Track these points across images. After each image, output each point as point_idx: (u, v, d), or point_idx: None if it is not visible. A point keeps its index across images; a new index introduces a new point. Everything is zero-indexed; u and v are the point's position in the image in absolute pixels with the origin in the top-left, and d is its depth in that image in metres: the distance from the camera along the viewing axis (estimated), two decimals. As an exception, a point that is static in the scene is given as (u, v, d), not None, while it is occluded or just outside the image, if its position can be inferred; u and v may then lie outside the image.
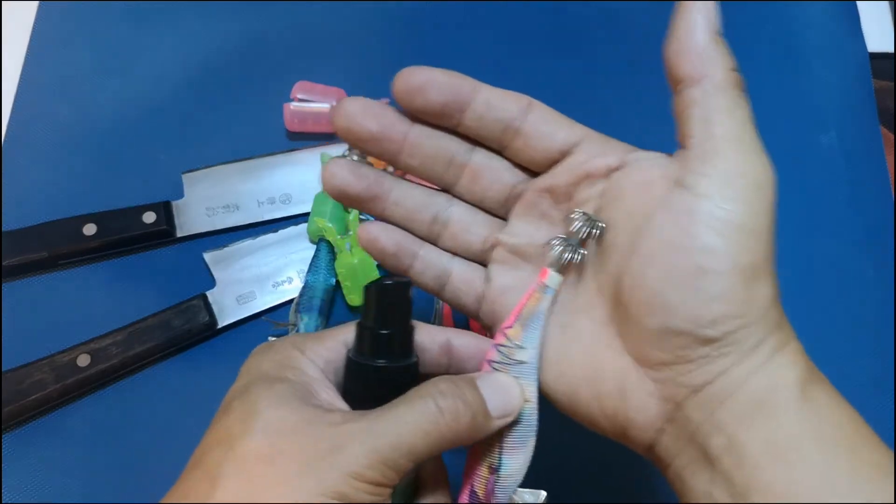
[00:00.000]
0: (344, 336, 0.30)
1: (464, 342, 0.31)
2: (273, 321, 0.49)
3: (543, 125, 0.31)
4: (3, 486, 0.45)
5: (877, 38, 0.59)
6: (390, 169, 0.33)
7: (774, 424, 0.26)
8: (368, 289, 0.29)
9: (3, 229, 0.50)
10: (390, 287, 0.29)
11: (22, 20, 0.58)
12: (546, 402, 0.31)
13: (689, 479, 0.27)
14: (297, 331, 0.47)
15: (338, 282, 0.49)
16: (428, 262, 0.33)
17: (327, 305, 0.48)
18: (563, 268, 0.30)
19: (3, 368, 0.46)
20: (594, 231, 0.30)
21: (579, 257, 0.30)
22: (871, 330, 0.50)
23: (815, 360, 0.44)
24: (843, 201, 0.53)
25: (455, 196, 0.33)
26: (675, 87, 0.29)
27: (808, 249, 0.52)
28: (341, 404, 0.28)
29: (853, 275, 0.51)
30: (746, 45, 0.59)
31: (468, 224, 0.33)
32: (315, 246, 0.50)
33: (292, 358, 0.28)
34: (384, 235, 0.32)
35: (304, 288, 0.48)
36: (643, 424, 0.28)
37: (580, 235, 0.30)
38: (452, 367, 0.31)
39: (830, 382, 0.28)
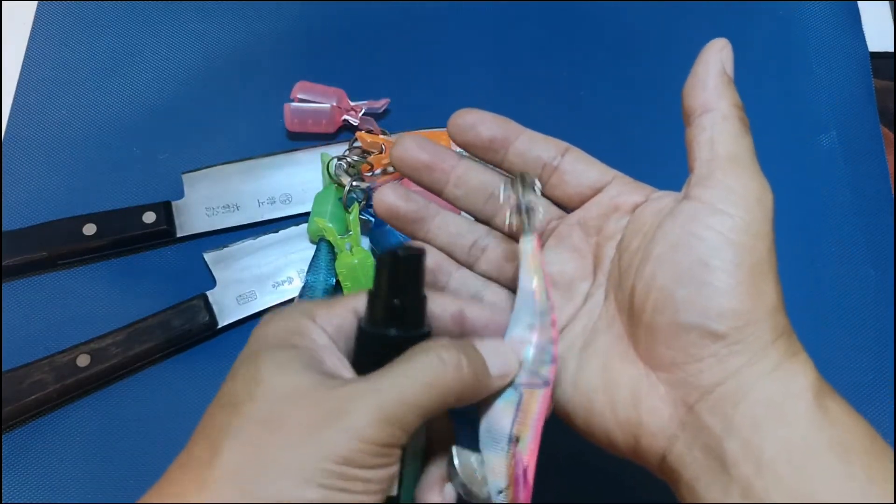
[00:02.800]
0: (354, 304, 0.30)
1: (477, 313, 0.31)
2: (273, 321, 0.49)
3: (578, 165, 0.34)
4: (3, 486, 0.45)
5: (877, 38, 0.59)
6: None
7: (790, 430, 0.26)
8: (382, 258, 0.29)
9: (3, 229, 0.50)
10: (404, 258, 0.29)
11: (21, 20, 0.58)
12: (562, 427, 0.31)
13: (702, 491, 0.27)
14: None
15: (338, 282, 0.49)
16: (463, 283, 0.35)
17: (327, 305, 0.48)
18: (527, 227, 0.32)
19: (3, 368, 0.46)
20: (519, 182, 0.32)
21: (533, 213, 0.32)
22: (872, 330, 0.50)
23: (815, 360, 0.44)
24: (843, 201, 0.53)
25: (493, 228, 0.35)
26: (687, 119, 0.31)
27: (809, 250, 0.52)
28: (348, 372, 0.28)
29: (853, 275, 0.51)
30: (747, 44, 0.59)
31: (505, 252, 0.35)
32: (315, 246, 0.50)
33: (301, 325, 0.28)
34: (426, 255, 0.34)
35: (304, 288, 0.48)
36: (656, 430, 0.29)
37: (518, 194, 0.32)
38: (464, 338, 0.31)
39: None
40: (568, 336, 0.32)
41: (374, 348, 0.29)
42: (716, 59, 0.31)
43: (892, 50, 0.59)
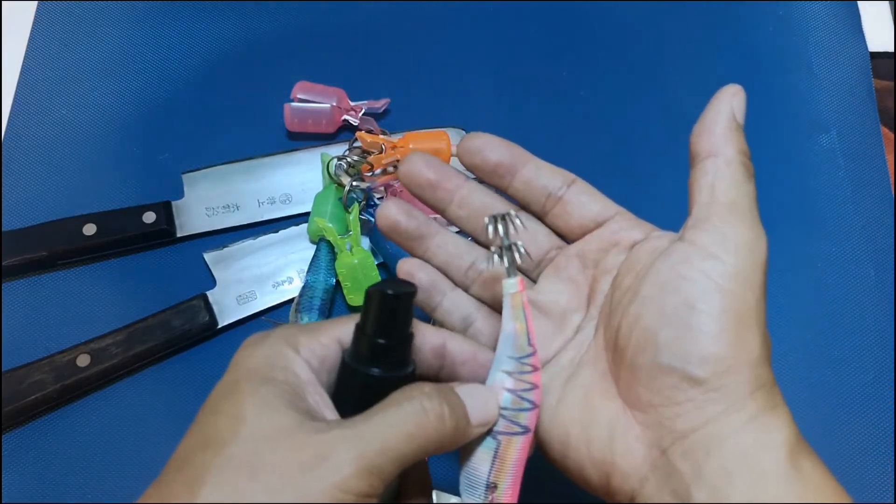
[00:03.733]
0: (338, 333, 0.29)
1: (458, 347, 0.31)
2: (273, 321, 0.49)
3: (582, 197, 0.34)
4: (3, 486, 0.45)
5: (877, 38, 0.59)
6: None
7: (760, 485, 0.26)
8: (370, 294, 0.28)
9: (3, 229, 0.50)
10: (393, 296, 0.28)
11: (22, 20, 0.58)
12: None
13: None
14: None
15: (338, 282, 0.49)
16: (456, 304, 0.35)
17: (327, 305, 0.48)
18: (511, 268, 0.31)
19: (3, 368, 0.46)
20: (500, 225, 0.31)
21: (514, 254, 0.31)
22: (872, 330, 0.50)
23: (814, 361, 0.44)
24: (843, 201, 0.53)
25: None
26: (692, 161, 0.31)
27: (809, 249, 0.52)
28: (329, 410, 0.28)
29: (853, 275, 0.51)
30: (747, 44, 0.59)
31: (499, 277, 0.34)
32: (315, 246, 0.50)
33: (284, 356, 0.28)
34: (421, 272, 0.35)
35: (304, 288, 0.48)
36: (628, 470, 0.28)
37: (500, 237, 0.31)
38: (444, 371, 0.31)
39: (817, 454, 0.28)
40: (555, 366, 0.32)
41: (356, 386, 0.28)
42: (727, 104, 0.31)
43: (892, 50, 0.59)
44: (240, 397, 0.26)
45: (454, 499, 0.30)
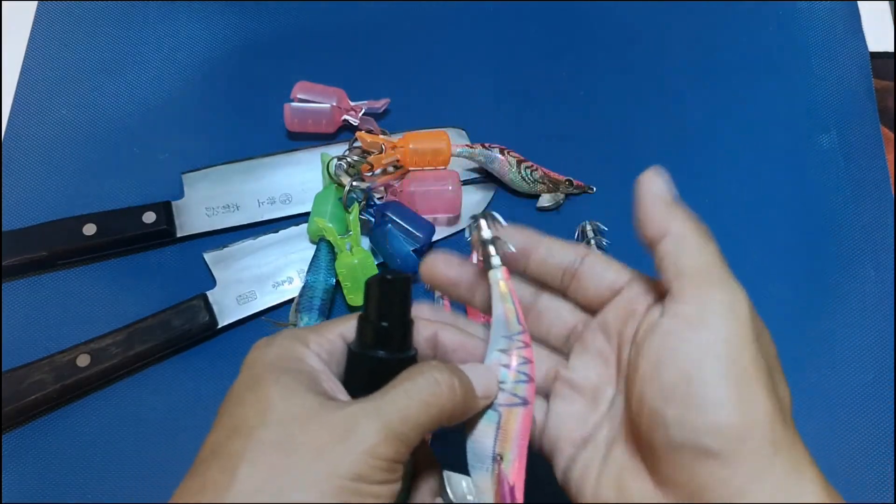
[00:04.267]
0: (342, 329, 0.31)
1: (450, 337, 0.33)
2: (273, 321, 0.49)
3: (596, 267, 0.33)
4: (3, 486, 0.45)
5: (877, 38, 0.59)
6: None
7: None
8: (370, 283, 0.31)
9: (3, 229, 0.50)
10: (391, 281, 0.30)
11: (22, 20, 0.58)
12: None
13: None
14: (298, 331, 0.47)
15: (338, 282, 0.49)
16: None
17: (327, 305, 0.48)
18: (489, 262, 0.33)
19: (3, 368, 0.46)
20: (474, 223, 0.33)
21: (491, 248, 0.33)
22: (872, 330, 0.50)
23: (815, 361, 0.44)
24: (843, 201, 0.53)
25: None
26: (650, 249, 0.31)
27: (809, 250, 0.52)
28: (343, 394, 0.30)
29: (853, 275, 0.51)
30: (747, 44, 0.59)
31: (535, 357, 0.34)
32: (315, 246, 0.50)
33: (297, 351, 0.29)
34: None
35: (304, 288, 0.48)
36: None
37: (480, 234, 0.33)
38: (437, 359, 0.33)
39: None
40: (592, 445, 0.32)
41: (364, 370, 0.30)
42: (651, 190, 0.31)
43: (892, 50, 0.59)
44: (263, 386, 0.28)
45: (463, 479, 0.31)
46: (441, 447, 0.37)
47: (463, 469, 0.32)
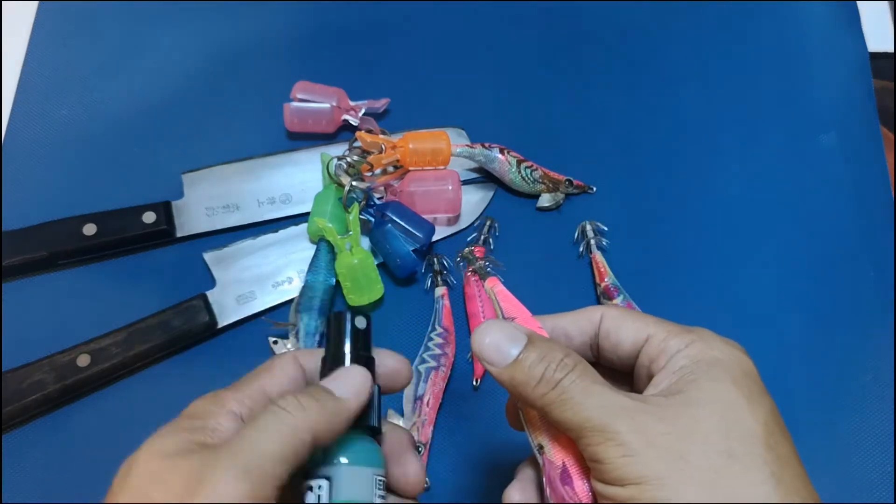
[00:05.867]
0: (262, 382, 0.30)
1: (386, 362, 0.32)
2: (273, 321, 0.49)
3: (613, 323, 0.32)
4: (3, 486, 0.45)
5: (877, 38, 0.59)
6: None
7: None
8: (329, 318, 0.32)
9: (3, 229, 0.50)
10: (336, 314, 0.31)
11: (22, 20, 0.58)
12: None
13: None
14: (297, 331, 0.47)
15: (338, 282, 0.49)
16: None
17: (327, 305, 0.48)
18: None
19: (3, 368, 0.46)
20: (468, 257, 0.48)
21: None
22: (871, 330, 0.50)
23: (815, 361, 0.44)
24: (843, 201, 0.53)
25: None
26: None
27: (809, 249, 0.52)
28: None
29: (853, 275, 0.51)
30: (747, 44, 0.59)
31: None
32: (315, 246, 0.50)
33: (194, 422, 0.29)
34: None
35: (304, 288, 0.48)
36: None
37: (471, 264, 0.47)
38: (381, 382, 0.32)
39: None
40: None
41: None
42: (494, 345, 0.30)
43: (892, 50, 0.59)
44: (135, 453, 0.28)
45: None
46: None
47: None
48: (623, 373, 0.32)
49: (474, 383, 0.48)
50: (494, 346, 0.30)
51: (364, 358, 0.31)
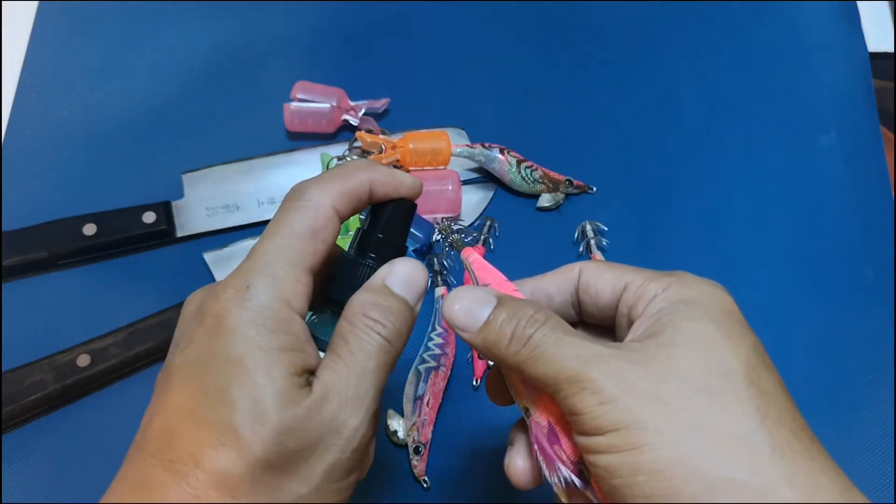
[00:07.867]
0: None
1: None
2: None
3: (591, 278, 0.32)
4: (3, 486, 0.45)
5: (877, 38, 0.59)
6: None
7: None
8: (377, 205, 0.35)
9: (3, 229, 0.50)
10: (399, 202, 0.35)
11: (22, 20, 0.58)
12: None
13: None
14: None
15: (338, 282, 0.49)
16: None
17: (327, 305, 0.48)
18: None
19: (3, 368, 0.46)
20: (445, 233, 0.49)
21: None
22: (872, 330, 0.50)
23: (815, 361, 0.43)
24: (843, 201, 0.53)
25: None
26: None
27: (809, 249, 0.52)
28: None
29: (853, 275, 0.51)
30: (747, 44, 0.59)
31: None
32: (315, 246, 0.50)
33: (280, 313, 0.31)
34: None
35: (304, 288, 0.48)
36: None
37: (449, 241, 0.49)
38: None
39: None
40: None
41: (354, 274, 0.33)
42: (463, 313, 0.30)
43: (892, 50, 0.59)
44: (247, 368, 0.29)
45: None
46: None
47: None
48: (608, 329, 0.31)
49: (474, 383, 0.48)
50: (465, 311, 0.29)
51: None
